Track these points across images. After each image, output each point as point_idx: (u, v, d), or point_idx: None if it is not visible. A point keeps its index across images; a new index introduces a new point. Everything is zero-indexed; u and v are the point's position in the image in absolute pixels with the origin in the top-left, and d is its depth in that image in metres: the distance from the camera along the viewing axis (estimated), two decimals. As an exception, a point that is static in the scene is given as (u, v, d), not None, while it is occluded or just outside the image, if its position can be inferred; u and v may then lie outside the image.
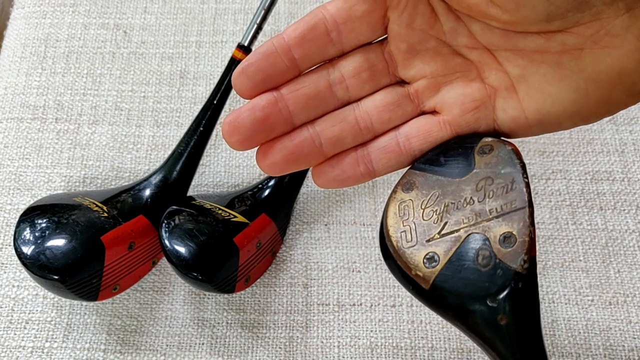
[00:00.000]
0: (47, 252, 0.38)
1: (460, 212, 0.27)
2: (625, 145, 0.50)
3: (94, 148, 0.51)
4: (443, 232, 0.27)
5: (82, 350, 0.43)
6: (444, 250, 0.27)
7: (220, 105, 0.46)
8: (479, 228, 0.26)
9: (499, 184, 0.27)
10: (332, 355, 0.43)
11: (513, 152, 0.27)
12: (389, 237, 0.28)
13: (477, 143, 0.28)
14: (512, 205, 0.26)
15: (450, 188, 0.28)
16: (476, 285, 0.26)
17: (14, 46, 0.56)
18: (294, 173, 0.46)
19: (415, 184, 0.29)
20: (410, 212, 0.28)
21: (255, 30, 0.47)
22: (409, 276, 0.28)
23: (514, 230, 0.26)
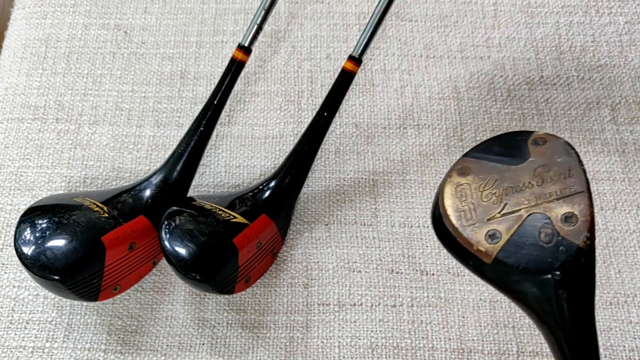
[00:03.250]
0: (47, 253, 0.38)
1: (519, 194, 0.30)
2: (626, 145, 0.50)
3: (95, 148, 0.51)
4: (504, 211, 0.29)
5: (83, 351, 0.44)
6: (506, 227, 0.29)
7: (221, 106, 0.46)
8: (540, 208, 0.29)
9: (556, 171, 0.29)
10: (332, 355, 0.43)
11: (567, 143, 0.30)
12: (447, 216, 0.30)
13: (529, 136, 0.31)
14: (571, 190, 0.29)
15: (507, 174, 0.30)
16: (539, 260, 0.28)
17: (15, 47, 0.56)
18: (295, 173, 0.46)
19: (471, 169, 0.31)
20: (468, 194, 0.30)
21: (256, 31, 0.48)
22: (469, 252, 0.30)
23: (575, 210, 0.28)
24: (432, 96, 0.52)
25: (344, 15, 0.56)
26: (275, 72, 0.54)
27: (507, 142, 0.31)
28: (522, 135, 0.31)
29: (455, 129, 0.51)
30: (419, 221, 0.47)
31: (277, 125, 0.52)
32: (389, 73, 0.54)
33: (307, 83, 0.53)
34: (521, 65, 0.54)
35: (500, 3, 0.56)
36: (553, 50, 0.54)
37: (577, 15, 0.56)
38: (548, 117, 0.51)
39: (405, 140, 0.51)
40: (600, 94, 0.52)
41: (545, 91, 0.52)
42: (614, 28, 0.55)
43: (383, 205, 0.48)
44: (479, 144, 0.32)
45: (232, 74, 0.47)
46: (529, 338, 0.43)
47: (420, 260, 0.46)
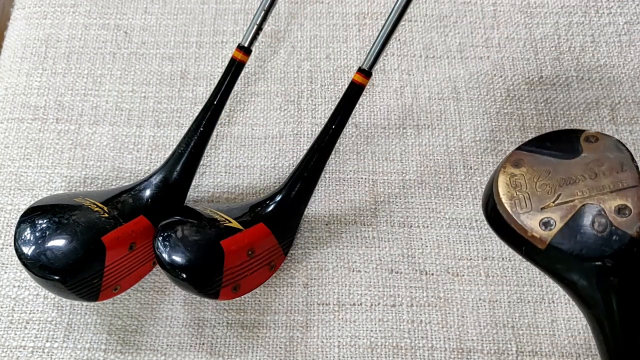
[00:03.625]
0: (47, 253, 0.38)
1: (573, 186, 0.31)
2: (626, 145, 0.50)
3: (95, 148, 0.51)
4: (558, 201, 0.31)
5: (83, 350, 0.44)
6: (560, 216, 0.31)
7: (221, 106, 0.47)
8: (593, 200, 0.31)
9: (609, 166, 0.31)
10: (332, 355, 0.43)
11: (618, 141, 0.32)
12: (501, 204, 0.32)
13: (581, 133, 0.33)
14: (624, 184, 0.31)
15: (560, 167, 0.32)
16: (593, 247, 0.30)
17: (15, 47, 0.56)
18: (301, 188, 0.45)
19: (524, 162, 0.33)
20: (523, 184, 0.32)
21: (256, 31, 0.48)
22: (523, 238, 0.31)
23: (628, 203, 0.30)
24: (431, 96, 0.53)
25: (343, 15, 0.56)
26: (275, 72, 0.54)
27: (559, 139, 0.33)
28: (574, 133, 0.33)
29: (454, 129, 0.51)
30: (419, 221, 0.48)
31: (276, 125, 0.52)
32: (389, 73, 0.54)
33: (306, 83, 0.54)
34: (520, 65, 0.54)
35: (500, 3, 0.57)
36: (552, 51, 0.54)
37: (576, 16, 0.56)
38: (547, 118, 0.51)
39: (404, 141, 0.51)
40: (600, 94, 0.52)
41: (544, 91, 0.52)
42: (613, 28, 0.55)
43: (383, 205, 0.48)
44: (531, 139, 0.34)
45: (232, 74, 0.47)
46: (529, 338, 0.44)
47: (420, 260, 0.46)
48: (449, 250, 0.47)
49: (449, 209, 0.48)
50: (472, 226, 0.47)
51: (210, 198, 0.49)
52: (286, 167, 0.50)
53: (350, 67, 0.54)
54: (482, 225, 0.47)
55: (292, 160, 0.50)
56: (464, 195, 0.48)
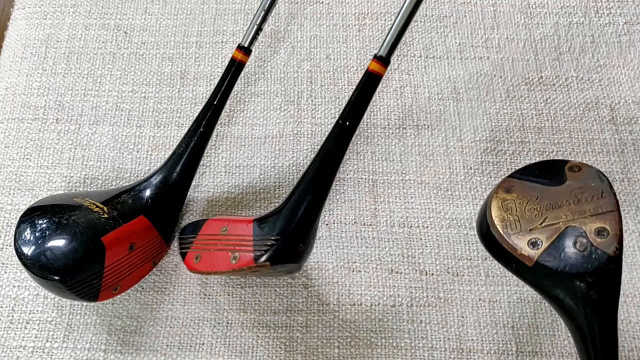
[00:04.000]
0: (47, 253, 0.38)
1: (557, 210, 0.35)
2: (625, 146, 0.50)
3: (95, 148, 0.51)
4: (544, 223, 0.34)
5: (83, 350, 0.44)
6: (546, 236, 0.34)
7: (221, 106, 0.47)
8: (576, 222, 0.34)
9: (590, 193, 0.35)
10: (332, 355, 0.43)
11: (599, 172, 0.35)
12: (494, 225, 0.36)
13: (565, 164, 0.36)
14: (603, 209, 0.34)
15: (547, 193, 0.35)
16: (575, 265, 0.33)
17: (15, 47, 0.56)
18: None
19: (515, 188, 0.36)
20: (513, 208, 0.36)
21: (256, 31, 0.48)
22: (513, 256, 0.35)
23: (607, 225, 0.33)
24: (431, 97, 0.53)
25: (343, 15, 0.56)
26: (275, 73, 0.54)
27: (547, 168, 0.37)
28: (559, 163, 0.36)
29: (454, 130, 0.51)
30: (419, 221, 0.48)
31: (276, 125, 0.52)
32: (388, 73, 0.54)
33: (306, 83, 0.54)
34: (520, 65, 0.54)
35: (500, 4, 0.57)
36: (552, 51, 0.54)
37: (576, 16, 0.56)
38: (547, 118, 0.51)
39: (404, 141, 0.51)
40: (600, 95, 0.52)
41: (544, 92, 0.52)
42: (613, 29, 0.55)
43: (383, 205, 0.48)
44: (521, 168, 0.38)
45: (232, 74, 0.47)
46: (528, 338, 0.44)
47: (420, 261, 0.46)
48: (448, 251, 0.47)
49: (448, 209, 0.48)
50: (472, 226, 0.47)
51: (210, 198, 0.49)
52: (286, 166, 0.50)
53: (350, 67, 0.54)
54: (482, 226, 0.47)
55: (292, 160, 0.50)
56: (463, 195, 0.48)
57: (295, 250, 0.38)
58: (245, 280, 0.46)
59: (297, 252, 0.38)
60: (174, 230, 0.47)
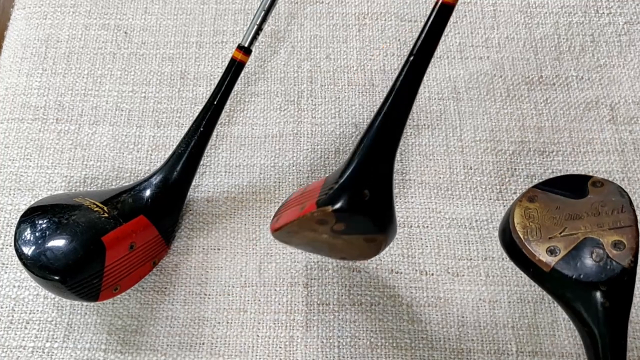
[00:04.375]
0: (47, 253, 0.38)
1: (577, 221, 0.36)
2: (625, 145, 0.50)
3: (95, 148, 0.51)
4: (563, 233, 0.36)
5: (83, 350, 0.44)
6: (564, 245, 0.35)
7: (221, 106, 0.47)
8: (594, 234, 0.35)
9: (610, 207, 0.36)
10: (332, 355, 0.43)
11: (620, 187, 0.37)
12: (515, 231, 0.37)
13: (589, 179, 0.38)
14: (622, 223, 0.36)
15: (568, 205, 0.37)
16: (590, 274, 0.34)
17: (15, 47, 0.56)
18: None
19: (538, 198, 0.38)
20: (535, 216, 0.37)
21: (256, 31, 0.48)
22: (532, 261, 0.36)
23: (623, 239, 0.35)
24: (431, 96, 0.53)
25: (343, 15, 0.56)
26: (275, 72, 0.54)
27: (570, 181, 0.39)
28: (583, 178, 0.38)
29: (454, 129, 0.51)
30: (419, 221, 0.48)
31: (276, 125, 0.52)
32: (389, 73, 0.54)
33: (306, 83, 0.54)
34: (520, 65, 0.54)
35: (500, 3, 0.57)
36: (552, 51, 0.54)
37: (576, 16, 0.56)
38: (547, 117, 0.51)
39: (404, 141, 0.51)
40: (600, 94, 0.52)
41: (544, 91, 0.52)
42: (613, 28, 0.55)
43: (383, 205, 0.48)
44: (546, 180, 0.39)
45: (232, 74, 0.47)
46: (528, 338, 0.44)
47: (420, 260, 0.46)
48: (449, 251, 0.47)
49: (449, 209, 0.48)
50: (472, 226, 0.47)
51: (210, 198, 0.49)
52: (286, 167, 0.50)
53: (350, 67, 0.54)
54: (482, 226, 0.47)
55: (292, 160, 0.50)
56: (464, 195, 0.48)
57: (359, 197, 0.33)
58: (245, 280, 0.46)
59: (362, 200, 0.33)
60: (174, 230, 0.47)
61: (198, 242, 0.47)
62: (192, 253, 0.47)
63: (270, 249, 0.47)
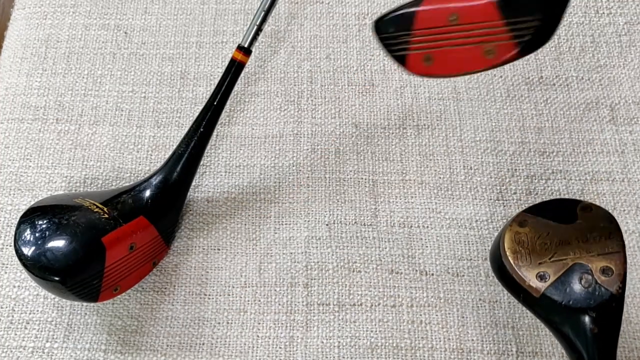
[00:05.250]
0: (47, 254, 0.38)
1: (567, 247, 0.37)
2: (625, 146, 0.50)
3: (95, 149, 0.51)
4: (553, 258, 0.36)
5: (83, 351, 0.44)
6: (554, 271, 0.36)
7: (221, 106, 0.47)
8: (583, 260, 0.36)
9: (599, 233, 0.37)
10: (332, 355, 0.43)
11: (608, 213, 0.38)
12: (506, 257, 0.38)
13: (578, 203, 0.38)
14: (610, 249, 0.36)
15: (558, 230, 0.38)
16: (579, 300, 0.35)
17: (15, 47, 0.56)
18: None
19: (528, 222, 0.38)
20: (525, 241, 0.38)
21: (255, 32, 0.48)
22: (522, 286, 0.37)
23: (612, 265, 0.35)
24: (431, 96, 0.53)
25: (343, 15, 0.56)
26: (275, 73, 0.54)
27: (560, 206, 0.40)
28: (572, 203, 0.39)
29: (454, 130, 0.51)
30: (419, 221, 0.48)
31: (276, 125, 0.52)
32: (389, 73, 0.54)
33: (306, 83, 0.54)
34: (520, 65, 0.54)
35: (500, 3, 0.56)
36: (552, 51, 0.54)
37: (576, 16, 0.56)
38: (547, 118, 0.51)
39: (404, 141, 0.51)
40: (600, 95, 0.52)
41: (544, 91, 0.52)
42: (614, 28, 0.55)
43: (383, 205, 0.48)
44: (536, 204, 0.40)
45: (232, 74, 0.47)
46: (529, 338, 0.44)
47: (420, 261, 0.46)
48: (449, 251, 0.47)
49: (449, 209, 0.48)
50: (472, 226, 0.47)
51: (210, 198, 0.49)
52: (286, 167, 0.50)
53: (350, 67, 0.54)
54: (482, 226, 0.47)
55: (292, 160, 0.50)
56: (464, 195, 0.48)
57: None
58: (245, 280, 0.46)
59: None
60: (174, 231, 0.47)
61: (198, 242, 0.47)
62: (192, 253, 0.47)
63: (270, 249, 0.47)
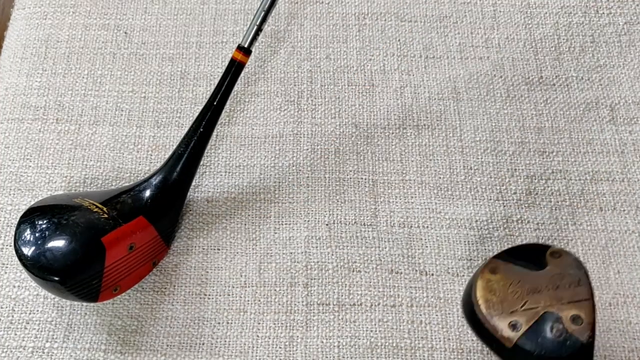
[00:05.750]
0: (47, 254, 0.38)
1: (537, 295, 0.37)
2: (625, 146, 0.50)
3: (95, 149, 0.51)
4: (524, 307, 0.37)
5: (83, 351, 0.44)
6: (525, 319, 0.36)
7: (221, 106, 0.46)
8: (554, 308, 0.36)
9: (568, 281, 0.37)
10: (332, 355, 0.43)
11: (577, 260, 0.38)
12: (478, 305, 0.37)
13: (548, 249, 0.38)
14: (579, 297, 0.36)
15: (529, 277, 0.38)
16: (551, 349, 0.35)
17: (15, 47, 0.56)
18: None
19: (500, 269, 0.38)
20: (497, 289, 0.38)
21: (255, 32, 0.48)
22: (494, 336, 0.37)
23: (581, 314, 0.36)
24: (431, 97, 0.53)
25: (343, 15, 0.56)
26: (275, 73, 0.54)
27: (530, 251, 0.40)
28: (541, 248, 0.39)
29: (454, 130, 0.51)
30: (419, 221, 0.48)
31: (276, 125, 0.52)
32: (389, 73, 0.54)
33: (306, 83, 0.54)
34: (520, 65, 0.54)
35: (500, 4, 0.57)
36: (552, 51, 0.54)
37: (576, 16, 0.56)
38: (547, 118, 0.51)
39: (404, 141, 0.51)
40: (600, 95, 0.52)
41: (544, 92, 0.52)
42: (613, 29, 0.55)
43: (383, 206, 0.48)
44: (507, 249, 0.40)
45: (232, 75, 0.47)
46: (528, 338, 0.44)
47: (420, 261, 0.46)
48: (449, 251, 0.47)
49: (449, 209, 0.48)
50: (472, 226, 0.47)
51: (210, 198, 0.49)
52: (286, 167, 0.50)
53: (350, 67, 0.54)
54: (482, 226, 0.47)
55: (292, 160, 0.50)
56: (464, 195, 0.48)
57: None
58: (245, 280, 0.46)
59: None
60: (174, 231, 0.47)
61: (198, 242, 0.47)
62: (192, 253, 0.47)
63: (270, 249, 0.47)
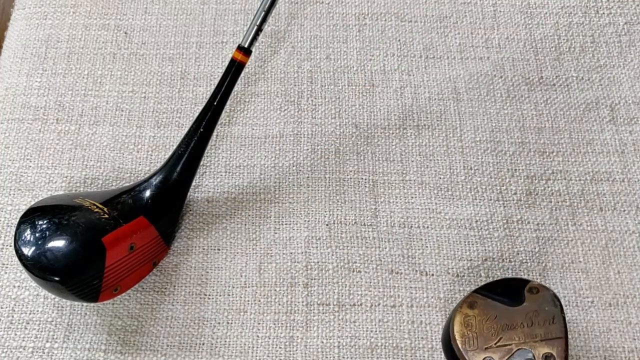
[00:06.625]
0: (47, 254, 0.38)
1: (512, 331, 0.38)
2: (625, 146, 0.50)
3: (95, 149, 0.51)
4: (499, 343, 0.38)
5: (83, 351, 0.44)
6: (499, 356, 0.37)
7: (221, 107, 0.46)
8: (527, 345, 0.37)
9: (543, 318, 0.38)
10: (332, 355, 0.43)
11: (554, 296, 0.39)
12: (454, 340, 0.38)
13: (527, 284, 0.39)
14: (553, 334, 0.37)
15: (505, 313, 0.39)
16: None
17: (15, 47, 0.56)
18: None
19: (478, 304, 0.39)
20: (473, 324, 0.38)
21: (256, 32, 0.47)
22: None
23: (554, 352, 0.37)
24: (431, 97, 0.53)
25: (343, 15, 0.56)
26: (275, 73, 0.54)
27: (509, 286, 0.40)
28: (520, 282, 0.40)
29: (454, 130, 0.51)
30: (419, 221, 0.48)
31: (276, 125, 0.52)
32: (389, 74, 0.54)
33: (307, 83, 0.54)
34: (520, 65, 0.54)
35: (500, 4, 0.57)
36: (552, 51, 0.54)
37: (576, 16, 0.56)
38: (547, 118, 0.51)
39: (404, 141, 0.51)
40: (600, 95, 0.52)
41: (544, 92, 0.52)
42: (613, 29, 0.55)
43: (383, 206, 0.48)
44: (486, 284, 0.41)
45: (232, 75, 0.47)
46: (528, 338, 0.44)
47: (420, 261, 0.46)
48: (449, 251, 0.47)
49: (449, 210, 0.48)
50: (472, 227, 0.47)
51: (210, 198, 0.49)
52: (286, 167, 0.50)
53: (350, 67, 0.54)
54: (482, 226, 0.47)
55: (292, 160, 0.50)
56: (464, 195, 0.48)
57: None
58: (245, 280, 0.46)
59: None
60: (174, 231, 0.47)
61: (198, 242, 0.47)
62: (192, 253, 0.47)
63: (270, 249, 0.47)
